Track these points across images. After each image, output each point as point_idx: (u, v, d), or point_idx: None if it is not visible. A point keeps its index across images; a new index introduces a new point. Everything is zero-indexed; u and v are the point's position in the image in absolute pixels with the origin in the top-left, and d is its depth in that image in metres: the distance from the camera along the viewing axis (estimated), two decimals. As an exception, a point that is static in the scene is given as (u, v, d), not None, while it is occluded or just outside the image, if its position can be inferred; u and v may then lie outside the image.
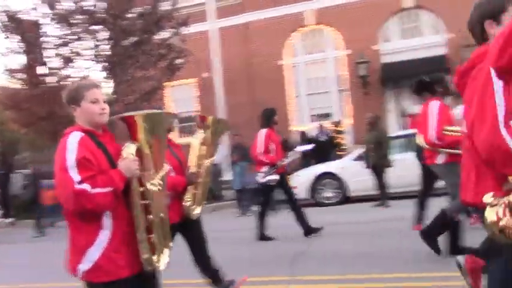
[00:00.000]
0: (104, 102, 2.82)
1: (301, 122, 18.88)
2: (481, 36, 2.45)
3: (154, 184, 2.74)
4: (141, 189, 2.72)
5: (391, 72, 17.83)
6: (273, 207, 11.84)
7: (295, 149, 8.86)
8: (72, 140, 2.66)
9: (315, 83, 19.32)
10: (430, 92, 5.83)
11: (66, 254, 2.78)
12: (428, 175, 6.70)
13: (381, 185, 10.75)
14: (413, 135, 12.63)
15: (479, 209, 2.41)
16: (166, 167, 2.90)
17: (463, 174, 2.59)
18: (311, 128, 17.46)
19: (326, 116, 18.89)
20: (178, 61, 16.08)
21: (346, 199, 12.17)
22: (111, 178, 2.63)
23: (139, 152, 2.72)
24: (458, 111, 6.99)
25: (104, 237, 2.67)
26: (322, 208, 11.58)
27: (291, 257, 6.69)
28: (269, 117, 7.92)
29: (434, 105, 5.61)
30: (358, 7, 17.88)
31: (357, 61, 18.16)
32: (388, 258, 6.08)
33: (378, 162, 10.63)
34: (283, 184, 7.93)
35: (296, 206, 7.91)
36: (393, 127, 17.30)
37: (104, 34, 15.06)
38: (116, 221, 2.69)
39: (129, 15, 15.00)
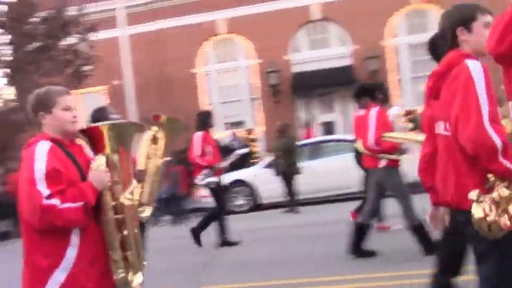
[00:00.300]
0: (75, 110, 2.64)
1: (214, 130, 18.90)
2: (452, 42, 2.57)
3: (127, 197, 2.59)
4: (114, 203, 2.56)
5: (301, 82, 18.33)
6: (184, 218, 11.75)
7: (234, 152, 8.91)
8: (41, 150, 2.46)
9: (228, 91, 19.47)
10: (371, 98, 6.00)
11: (24, 275, 2.53)
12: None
13: (290, 191, 10.98)
14: (320, 143, 13.24)
15: (461, 209, 2.46)
16: (135, 181, 2.74)
17: (438, 176, 2.64)
18: (224, 136, 17.54)
19: (239, 124, 19.06)
20: (86, 68, 15.57)
21: (257, 206, 12.31)
22: (82, 191, 2.45)
23: (107, 164, 2.58)
24: (392, 112, 7.32)
25: (70, 257, 2.47)
26: (234, 216, 11.63)
27: (204, 266, 6.66)
28: (204, 120, 7.79)
29: (373, 111, 5.79)
30: (268, 18, 18.24)
31: (267, 70, 18.52)
32: (300, 263, 6.19)
33: (286, 169, 10.86)
34: (221, 188, 7.87)
35: (222, 213, 7.86)
36: (303, 135, 17.76)
37: (5, 38, 14.30)
38: (83, 238, 2.50)
39: (32, 19, 14.35)
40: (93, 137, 2.59)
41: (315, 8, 18.66)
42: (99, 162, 2.55)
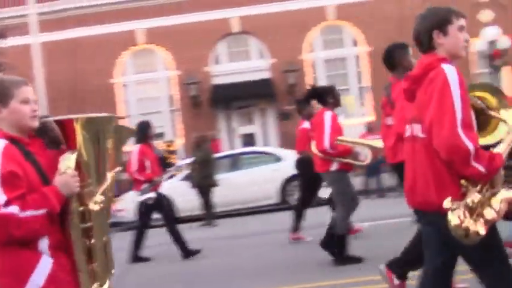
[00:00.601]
0: (34, 103, 2.34)
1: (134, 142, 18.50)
2: (428, 45, 2.58)
3: (97, 202, 2.33)
4: (81, 209, 2.30)
5: (221, 94, 18.38)
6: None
7: (176, 164, 8.55)
8: None
9: (147, 103, 19.15)
10: (322, 103, 6.02)
11: (1, 281, 2.26)
12: (312, 185, 6.99)
13: (207, 204, 10.87)
14: (239, 155, 13.26)
15: (439, 213, 2.42)
16: (109, 179, 2.46)
17: (410, 178, 2.62)
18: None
19: (159, 135, 18.74)
20: (-6, 76, 14.75)
21: (174, 219, 12.10)
22: (45, 197, 2.18)
23: (78, 164, 2.30)
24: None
25: (45, 261, 2.24)
26: (150, 230, 11.36)
27: (117, 281, 6.42)
28: (143, 132, 7.28)
29: (328, 115, 5.83)
30: (188, 29, 18.16)
31: (187, 82, 18.42)
32: (216, 277, 6.17)
33: (203, 181, 10.76)
34: (161, 202, 7.57)
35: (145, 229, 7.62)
36: (224, 147, 17.76)
37: None
38: (54, 248, 2.26)
39: None
40: (65, 130, 2.31)
41: (234, 21, 18.81)
42: (67, 164, 2.28)
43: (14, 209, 2.13)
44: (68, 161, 2.29)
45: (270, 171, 12.03)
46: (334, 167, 5.89)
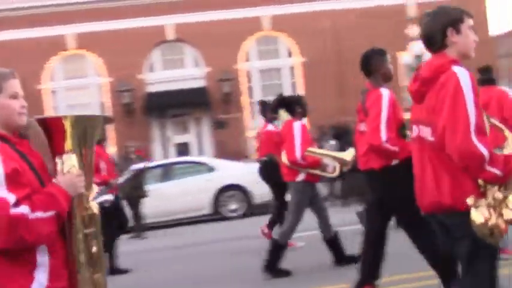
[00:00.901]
0: (22, 97, 2.13)
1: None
2: (440, 43, 2.52)
3: (95, 206, 2.16)
4: (84, 213, 2.11)
5: (156, 102, 18.10)
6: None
7: (130, 168, 8.18)
8: None
9: (77, 109, 18.56)
10: (290, 112, 5.96)
11: None
12: (283, 188, 6.86)
13: (137, 215, 10.57)
14: (172, 164, 13.00)
15: (456, 211, 2.37)
16: (95, 187, 2.30)
17: (420, 180, 2.54)
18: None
19: (89, 144, 18.21)
20: None
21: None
22: (53, 197, 1.97)
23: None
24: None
25: (41, 278, 1.98)
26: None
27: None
28: None
29: (297, 125, 5.77)
30: (121, 35, 17.78)
31: (119, 89, 18.01)
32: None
33: (132, 192, 10.46)
34: (116, 206, 7.20)
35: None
36: (158, 155, 17.47)
37: None
38: (53, 257, 2.01)
39: None
40: (52, 131, 2.13)
41: (169, 28, 18.59)
42: (70, 163, 2.10)
43: (24, 209, 1.91)
44: (70, 161, 2.12)
45: (203, 181, 11.89)
46: (300, 177, 5.88)
